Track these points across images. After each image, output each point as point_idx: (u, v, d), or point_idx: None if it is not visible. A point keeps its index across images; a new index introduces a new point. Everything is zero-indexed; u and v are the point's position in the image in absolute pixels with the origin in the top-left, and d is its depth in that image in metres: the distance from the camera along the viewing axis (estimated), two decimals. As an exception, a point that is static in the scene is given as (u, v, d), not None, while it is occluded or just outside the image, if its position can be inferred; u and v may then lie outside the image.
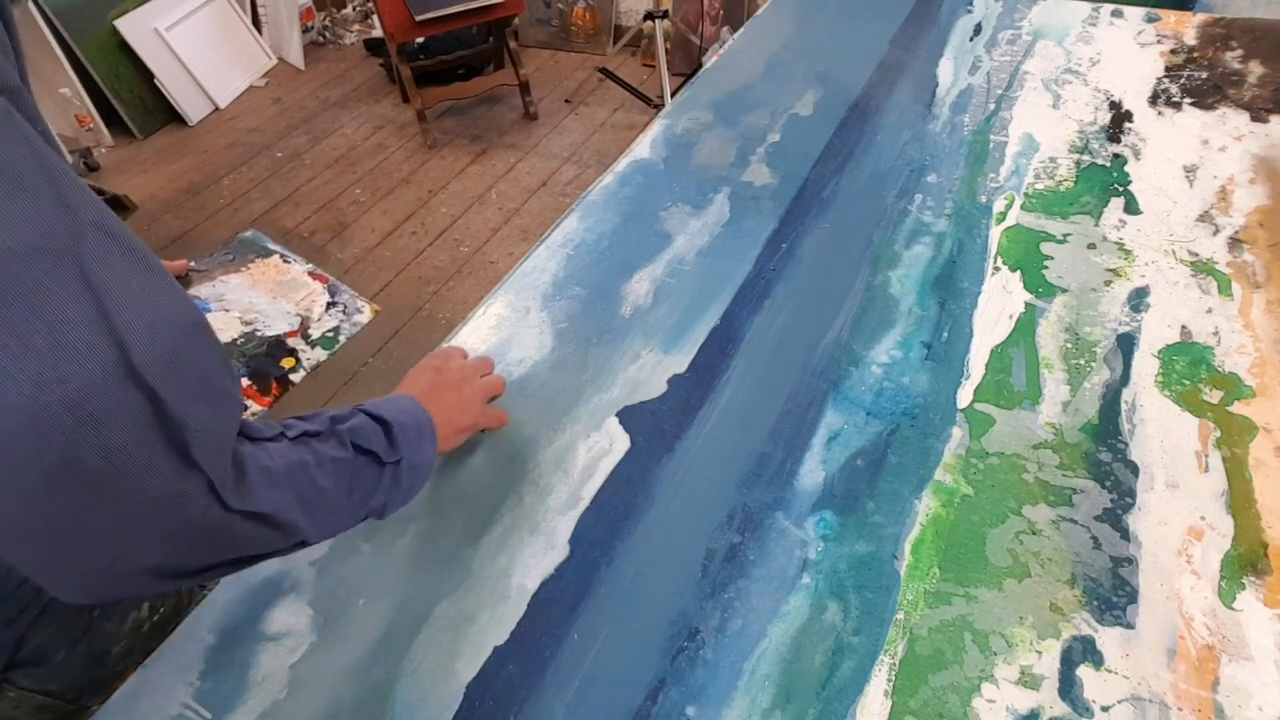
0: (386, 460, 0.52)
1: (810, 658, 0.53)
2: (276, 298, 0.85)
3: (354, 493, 0.50)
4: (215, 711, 0.51)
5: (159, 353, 0.36)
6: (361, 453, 0.51)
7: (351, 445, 0.50)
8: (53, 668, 0.66)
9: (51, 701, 0.68)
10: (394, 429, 0.54)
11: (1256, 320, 0.74)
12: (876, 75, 1.15)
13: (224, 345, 0.79)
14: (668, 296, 0.80)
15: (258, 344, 0.80)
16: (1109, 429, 0.65)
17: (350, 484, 0.49)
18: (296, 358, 0.80)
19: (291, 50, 3.39)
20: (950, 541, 0.59)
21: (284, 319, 0.83)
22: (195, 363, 0.38)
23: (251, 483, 0.41)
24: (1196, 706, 0.49)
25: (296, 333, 0.82)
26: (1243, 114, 1.00)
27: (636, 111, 2.93)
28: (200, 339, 0.40)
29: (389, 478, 0.53)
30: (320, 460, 0.47)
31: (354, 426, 0.51)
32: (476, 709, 0.51)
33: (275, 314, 0.84)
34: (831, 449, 0.65)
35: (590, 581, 0.58)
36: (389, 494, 0.53)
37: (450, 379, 0.66)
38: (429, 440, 0.58)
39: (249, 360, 0.79)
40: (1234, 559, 0.56)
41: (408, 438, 0.55)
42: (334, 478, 0.48)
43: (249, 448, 0.43)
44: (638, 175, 0.97)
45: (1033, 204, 0.89)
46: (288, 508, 0.44)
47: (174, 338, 0.37)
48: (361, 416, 0.53)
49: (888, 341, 0.74)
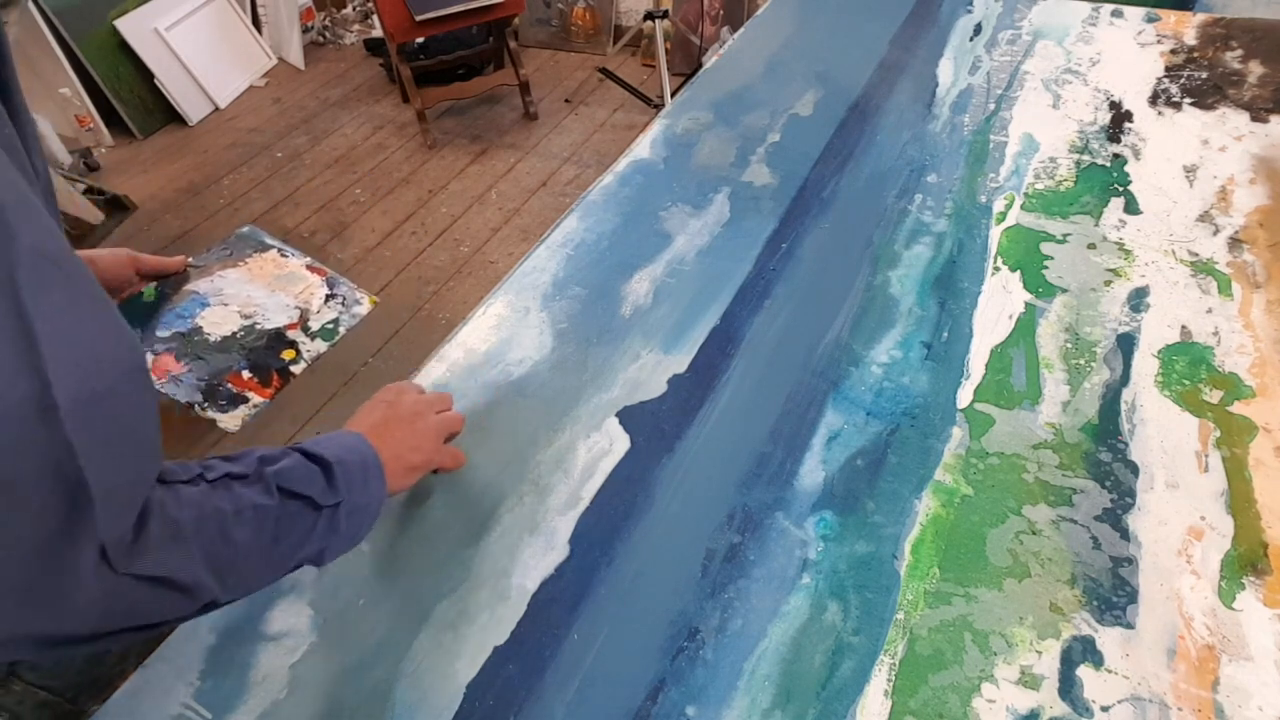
0: (323, 504, 0.48)
1: (810, 658, 0.53)
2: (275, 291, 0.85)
3: (279, 542, 0.46)
4: (215, 711, 0.51)
5: (82, 395, 0.34)
6: (291, 497, 0.47)
7: (279, 489, 0.46)
8: (56, 664, 0.66)
9: (52, 699, 0.68)
10: (334, 469, 0.50)
11: (1256, 320, 0.74)
12: (876, 75, 1.15)
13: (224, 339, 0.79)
14: (668, 296, 0.80)
15: (257, 337, 0.80)
16: (1109, 429, 0.65)
17: (275, 533, 0.45)
18: (297, 349, 0.80)
19: (291, 50, 3.39)
20: (950, 541, 0.59)
21: (283, 311, 0.83)
22: (121, 410, 0.36)
23: (151, 540, 0.38)
24: (1196, 706, 0.49)
25: (296, 325, 0.82)
26: (1243, 114, 1.00)
27: (636, 111, 2.93)
28: (134, 384, 0.38)
29: (324, 523, 0.48)
30: (240, 508, 0.43)
31: (284, 469, 0.47)
32: (476, 709, 0.51)
33: (274, 307, 0.83)
34: (831, 449, 0.65)
35: (590, 581, 0.58)
36: (325, 540, 0.49)
37: (403, 414, 0.61)
38: (375, 480, 0.53)
39: (249, 353, 0.79)
40: (1234, 559, 0.56)
41: (350, 478, 0.51)
42: (254, 528, 0.44)
43: (159, 492, 0.40)
44: (638, 175, 0.97)
45: (1033, 204, 0.89)
46: (191, 568, 0.40)
47: (103, 380, 0.35)
48: (296, 456, 0.49)
49: (888, 341, 0.74)
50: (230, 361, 0.77)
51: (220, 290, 0.84)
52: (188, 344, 0.79)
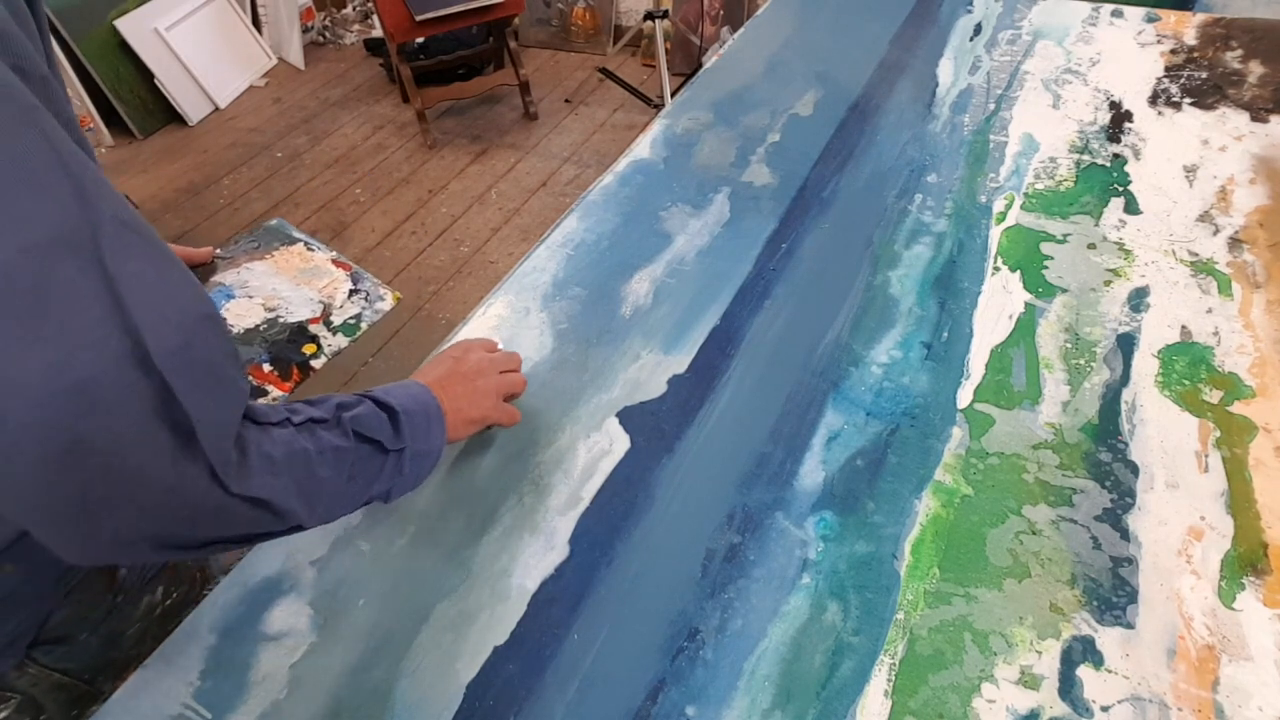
0: (390, 448, 0.53)
1: (810, 658, 0.53)
2: (299, 284, 0.86)
3: (355, 480, 0.51)
4: (215, 711, 0.51)
5: (171, 344, 0.37)
6: (364, 441, 0.51)
7: (354, 434, 0.51)
8: (73, 647, 0.67)
9: (67, 680, 0.69)
10: (400, 417, 0.55)
11: (1256, 320, 0.74)
12: (876, 75, 1.15)
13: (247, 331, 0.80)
14: (668, 296, 0.80)
15: (280, 330, 0.81)
16: (1109, 429, 0.65)
17: (350, 472, 0.50)
18: (318, 344, 0.81)
19: (291, 50, 3.39)
20: (950, 541, 0.59)
21: (306, 305, 0.84)
22: (204, 353, 0.40)
23: (252, 468, 0.42)
24: (1196, 706, 0.49)
25: (319, 319, 0.83)
26: (1243, 114, 1.00)
27: (636, 111, 2.93)
28: (211, 330, 0.41)
29: (392, 465, 0.54)
30: (322, 449, 0.48)
31: (358, 415, 0.52)
32: (476, 709, 0.51)
33: (298, 300, 0.84)
34: (831, 449, 0.65)
35: (590, 581, 0.58)
36: (392, 481, 0.54)
37: (466, 370, 0.66)
38: (437, 428, 0.58)
39: (271, 346, 0.80)
40: (1234, 559, 0.56)
41: (415, 425, 0.56)
42: (334, 467, 0.49)
43: (254, 431, 0.44)
44: (638, 175, 0.97)
45: (1033, 204, 0.89)
46: (286, 495, 0.45)
47: (186, 329, 0.39)
48: (368, 404, 0.54)
49: (888, 341, 0.74)
50: (252, 354, 0.79)
51: (246, 282, 0.86)
52: None
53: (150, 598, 0.72)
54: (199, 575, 0.78)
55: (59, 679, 0.68)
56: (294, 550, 0.60)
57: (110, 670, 0.71)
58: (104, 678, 0.71)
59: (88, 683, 0.70)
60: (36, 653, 0.65)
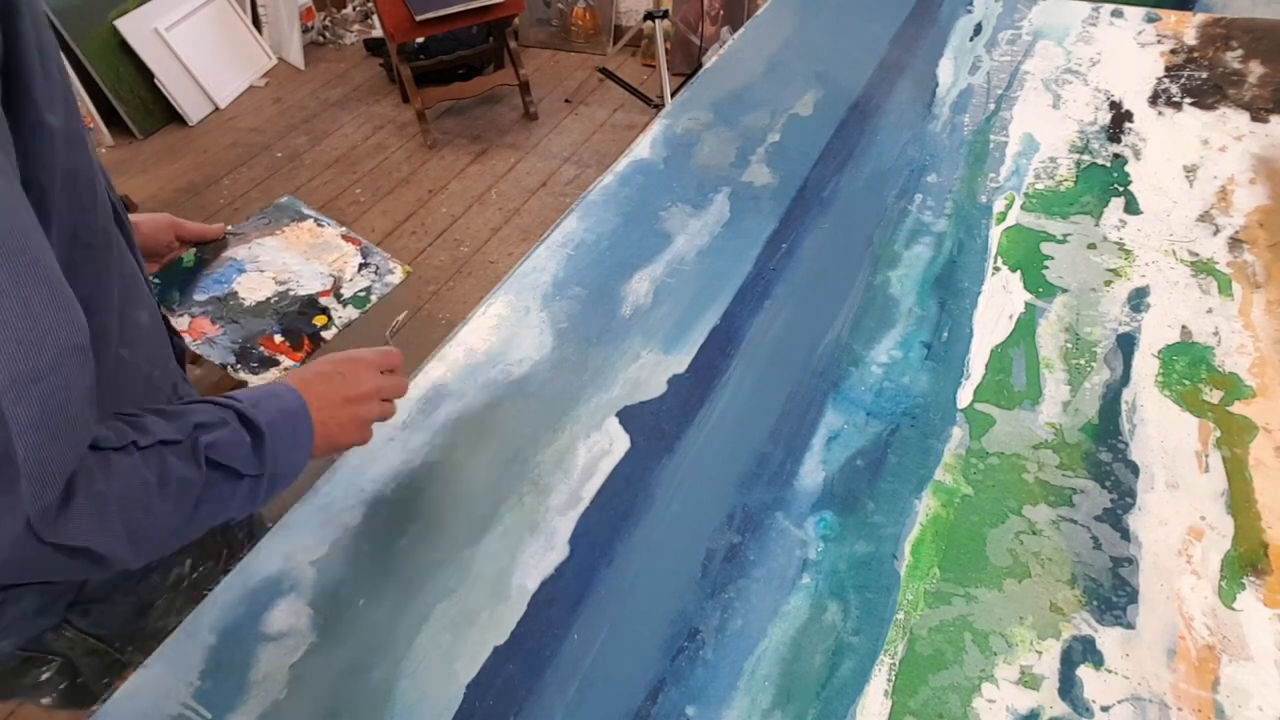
0: (246, 473, 0.50)
1: (810, 658, 0.53)
2: (310, 259, 0.88)
3: (200, 508, 0.48)
4: (215, 711, 0.51)
5: (21, 372, 0.35)
6: (218, 468, 0.48)
7: (207, 462, 0.47)
8: (107, 611, 0.68)
9: (100, 646, 0.70)
10: (265, 441, 0.51)
11: (1256, 320, 0.74)
12: (876, 75, 1.15)
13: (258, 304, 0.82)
14: (668, 296, 0.80)
15: (290, 302, 0.84)
16: (1109, 429, 0.65)
17: (196, 501, 0.47)
18: (329, 315, 0.84)
19: (291, 50, 3.39)
20: (950, 541, 0.59)
21: (317, 279, 0.87)
22: (58, 387, 0.37)
23: (74, 513, 0.39)
24: (1196, 706, 0.49)
25: (329, 292, 0.86)
26: (1243, 114, 1.00)
27: (636, 111, 2.93)
28: (73, 363, 0.39)
29: (246, 490, 0.50)
30: (166, 480, 0.45)
31: (216, 441, 0.48)
32: (476, 709, 0.51)
33: (308, 274, 0.87)
34: (831, 449, 0.65)
35: (590, 581, 0.58)
36: (242, 506, 0.51)
37: (351, 393, 0.61)
38: (303, 451, 0.55)
39: (282, 318, 0.82)
40: (1234, 559, 0.56)
41: (279, 447, 0.52)
42: (176, 500, 0.46)
43: (89, 460, 0.41)
44: (638, 175, 0.97)
45: (1033, 204, 0.89)
46: (111, 540, 0.42)
47: (43, 357, 0.36)
48: (231, 427, 0.50)
49: (888, 341, 0.74)
50: (264, 325, 0.81)
51: (257, 257, 0.88)
52: (223, 308, 0.83)
53: (179, 570, 0.73)
54: (225, 551, 0.78)
55: (93, 644, 0.68)
56: (294, 550, 0.60)
57: (139, 640, 0.72)
58: (133, 648, 0.72)
59: (118, 650, 0.71)
60: (73, 615, 0.65)
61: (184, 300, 0.82)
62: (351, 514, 0.62)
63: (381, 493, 0.63)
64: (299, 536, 0.60)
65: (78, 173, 0.47)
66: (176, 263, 0.85)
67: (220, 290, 0.84)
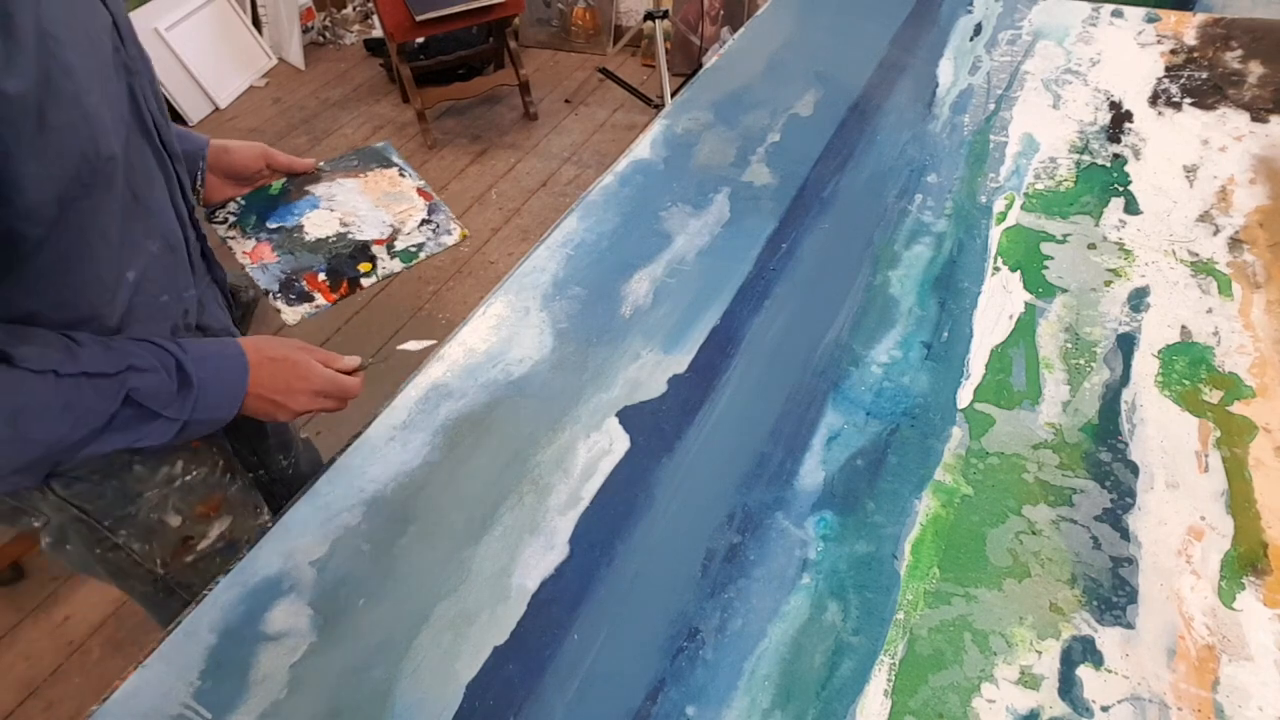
0: (163, 415, 0.60)
1: (810, 658, 0.53)
2: (379, 206, 0.90)
3: (106, 434, 0.57)
4: (215, 711, 0.51)
5: None
6: (135, 407, 0.58)
7: (127, 400, 0.57)
8: (89, 489, 0.71)
9: (85, 519, 0.73)
10: (192, 394, 0.61)
11: (1256, 320, 0.74)
12: (876, 75, 1.15)
13: (317, 241, 0.85)
14: (668, 296, 0.80)
15: (345, 245, 0.86)
16: (1109, 429, 0.65)
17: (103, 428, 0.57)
18: (374, 263, 0.85)
19: (291, 50, 3.39)
20: (950, 541, 0.59)
21: (377, 227, 0.88)
22: None
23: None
24: (1196, 706, 0.49)
25: (384, 241, 0.87)
26: (1243, 114, 1.00)
27: (636, 111, 2.93)
28: None
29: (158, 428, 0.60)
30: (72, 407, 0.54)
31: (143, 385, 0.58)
32: (476, 709, 0.51)
33: (371, 220, 0.89)
34: (831, 449, 0.65)
35: (590, 581, 0.58)
36: (151, 440, 0.60)
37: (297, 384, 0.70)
38: (224, 413, 0.65)
39: (332, 258, 0.84)
40: (1234, 559, 0.56)
41: (203, 403, 0.62)
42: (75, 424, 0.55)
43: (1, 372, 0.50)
44: (638, 175, 0.97)
45: (1033, 204, 0.89)
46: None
47: None
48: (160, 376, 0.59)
49: (888, 341, 0.74)
50: (313, 262, 0.83)
51: (333, 196, 0.91)
52: (286, 238, 0.85)
53: (169, 469, 0.75)
54: (221, 463, 0.80)
55: (76, 513, 0.72)
56: (294, 550, 0.60)
57: (134, 529, 0.75)
58: (127, 533, 0.75)
59: (109, 530, 0.74)
60: (54, 482, 0.69)
61: (258, 225, 0.86)
62: (351, 514, 0.62)
63: (381, 493, 0.63)
64: (299, 536, 0.60)
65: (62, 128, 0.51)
66: (265, 188, 0.90)
67: (290, 221, 0.87)
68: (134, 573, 0.78)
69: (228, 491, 0.80)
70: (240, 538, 0.82)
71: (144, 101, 0.63)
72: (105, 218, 0.58)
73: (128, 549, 0.76)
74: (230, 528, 0.81)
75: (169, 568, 0.79)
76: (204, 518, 0.78)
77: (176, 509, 0.75)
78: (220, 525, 0.80)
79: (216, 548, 0.81)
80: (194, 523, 0.78)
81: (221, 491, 0.79)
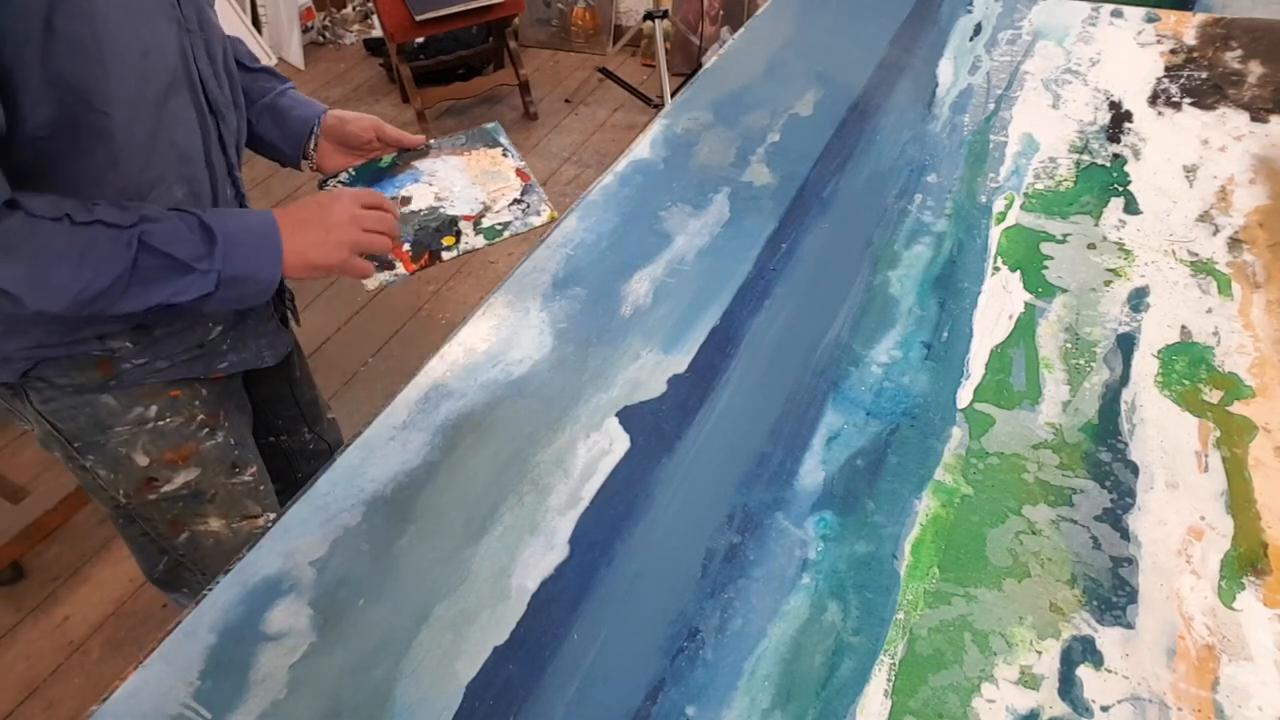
0: (194, 266, 0.61)
1: (810, 658, 0.53)
2: (476, 184, 0.92)
3: (133, 285, 0.59)
4: (215, 711, 0.51)
5: None
6: (153, 254, 0.59)
7: (142, 245, 0.58)
8: (61, 406, 0.73)
9: (58, 436, 0.75)
10: (218, 243, 0.62)
11: (1256, 320, 0.74)
12: (876, 75, 1.15)
13: (410, 213, 0.87)
14: (668, 296, 0.80)
15: (435, 219, 0.87)
16: (1109, 429, 0.65)
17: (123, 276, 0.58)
18: (458, 238, 0.86)
19: (291, 50, 3.39)
20: (950, 541, 0.59)
21: (469, 204, 0.90)
22: None
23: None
24: (1196, 706, 0.49)
25: (472, 217, 0.88)
26: (1243, 114, 1.00)
27: (636, 111, 2.93)
28: None
29: (194, 282, 0.61)
30: (86, 253, 0.56)
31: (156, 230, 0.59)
32: (476, 709, 0.51)
33: (465, 198, 0.90)
34: (831, 449, 0.65)
35: (590, 581, 0.58)
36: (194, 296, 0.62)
37: (328, 219, 0.71)
38: (269, 262, 0.66)
39: (419, 230, 0.86)
40: (1234, 559, 0.56)
41: (235, 252, 0.63)
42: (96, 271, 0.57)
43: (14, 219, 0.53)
44: (638, 175, 0.97)
45: (1033, 204, 0.89)
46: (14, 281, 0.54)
47: None
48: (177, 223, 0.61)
49: (888, 341, 0.74)
50: (402, 233, 0.84)
51: (435, 171, 0.94)
52: None
53: (142, 410, 0.77)
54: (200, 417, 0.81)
55: (49, 429, 0.75)
56: (294, 550, 0.60)
57: (101, 456, 0.77)
58: (95, 459, 0.77)
59: (79, 453, 0.76)
60: (33, 396, 0.73)
61: None
62: (351, 514, 0.62)
63: (381, 493, 0.63)
64: (299, 536, 0.60)
65: (78, 40, 0.53)
66: (375, 160, 0.93)
67: (390, 192, 0.89)
68: (99, 495, 0.81)
69: (201, 445, 0.81)
70: (205, 490, 0.84)
71: (194, 59, 0.66)
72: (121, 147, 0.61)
73: (94, 473, 0.78)
74: (197, 479, 0.83)
75: (131, 500, 0.81)
76: (171, 464, 0.80)
77: (145, 450, 0.78)
78: (187, 475, 0.82)
79: (180, 494, 0.82)
80: (160, 466, 0.79)
81: (194, 443, 0.80)
